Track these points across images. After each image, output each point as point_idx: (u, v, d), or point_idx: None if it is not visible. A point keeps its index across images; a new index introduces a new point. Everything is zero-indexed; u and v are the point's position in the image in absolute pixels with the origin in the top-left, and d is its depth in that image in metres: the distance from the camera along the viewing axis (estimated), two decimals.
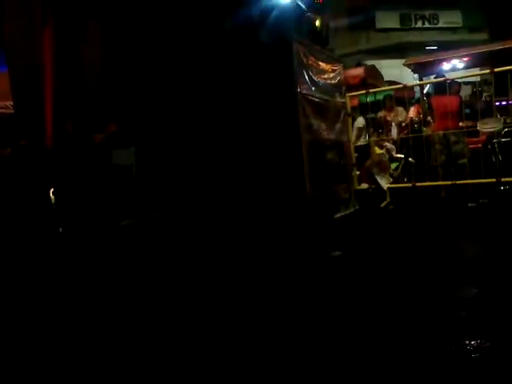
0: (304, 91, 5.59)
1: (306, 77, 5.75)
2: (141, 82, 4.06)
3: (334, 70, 6.69)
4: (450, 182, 6.91)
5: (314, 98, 5.85)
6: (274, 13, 5.45)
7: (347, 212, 6.32)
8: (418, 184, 7.01)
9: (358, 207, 6.63)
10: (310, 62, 5.90)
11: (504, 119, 7.89)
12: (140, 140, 3.94)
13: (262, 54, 5.13)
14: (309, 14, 5.90)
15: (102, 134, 3.91)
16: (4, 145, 4.06)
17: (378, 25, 16.95)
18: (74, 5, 4.10)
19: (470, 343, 2.27)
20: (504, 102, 9.04)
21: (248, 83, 5.01)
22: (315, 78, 5.99)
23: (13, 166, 3.73)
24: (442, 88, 7.52)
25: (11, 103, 5.83)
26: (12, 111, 5.75)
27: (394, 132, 7.82)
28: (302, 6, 5.84)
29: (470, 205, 6.38)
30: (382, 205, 7.05)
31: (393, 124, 7.91)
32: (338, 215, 6.08)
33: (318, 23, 6.15)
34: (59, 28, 4.12)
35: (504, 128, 7.39)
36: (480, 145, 7.45)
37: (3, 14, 4.77)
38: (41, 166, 3.60)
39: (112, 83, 4.14)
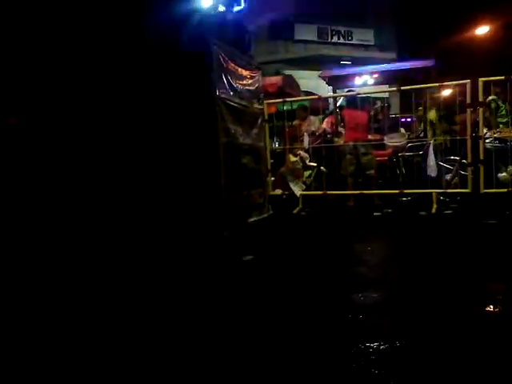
0: (222, 95, 5.61)
1: (225, 81, 5.76)
2: (45, 76, 3.85)
3: (252, 77, 6.77)
4: (358, 192, 7.28)
5: (232, 103, 5.88)
6: (194, 16, 5.43)
7: (261, 217, 6.41)
8: (328, 192, 7.31)
9: (271, 212, 6.76)
10: (230, 67, 5.93)
11: (408, 135, 8.48)
12: (45, 137, 3.73)
13: (181, 57, 5.08)
14: (229, 19, 5.95)
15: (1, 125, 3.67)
16: None
17: (297, 36, 17.46)
18: None
19: (371, 347, 2.39)
20: (409, 119, 9.72)
21: (167, 85, 4.93)
22: (234, 83, 6.02)
23: None
24: (354, 101, 7.92)
25: None
26: None
27: (306, 141, 8.07)
28: (223, 11, 5.88)
29: (375, 214, 6.74)
30: (295, 211, 7.25)
31: (305, 133, 8.16)
32: (252, 220, 6.15)
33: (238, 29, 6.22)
34: None
35: (408, 143, 7.92)
36: (386, 158, 7.93)
37: None
38: None
39: (12, 74, 3.89)
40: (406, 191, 7.09)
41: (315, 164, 7.89)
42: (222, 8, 5.66)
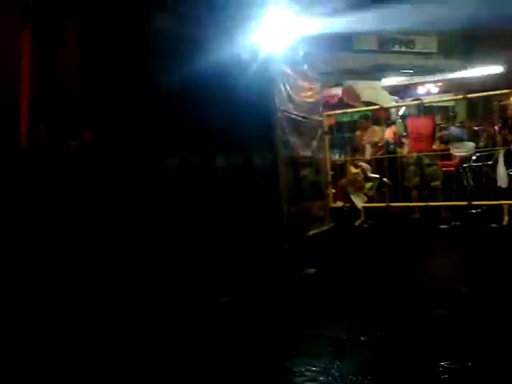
0: (282, 108, 5.63)
1: (285, 93, 5.79)
2: (121, 92, 4.00)
3: (312, 89, 6.77)
4: (423, 204, 7.03)
5: (291, 115, 5.89)
6: (255, 28, 5.49)
7: (322, 229, 6.34)
8: (392, 204, 7.11)
9: (332, 225, 6.66)
10: (290, 80, 5.96)
11: (475, 144, 8.13)
12: (117, 150, 3.86)
13: (243, 69, 5.15)
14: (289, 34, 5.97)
15: (77, 141, 3.84)
16: None
17: (356, 46, 17.25)
18: (53, 8, 4.05)
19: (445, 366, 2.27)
20: (476, 128, 9.32)
21: (228, 98, 5.00)
22: (294, 96, 6.04)
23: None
24: (417, 111, 7.70)
25: None
26: None
27: (368, 152, 7.92)
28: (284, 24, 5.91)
29: (442, 226, 6.48)
30: (357, 223, 7.11)
31: (367, 144, 8.02)
32: (313, 232, 6.09)
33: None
34: (37, 31, 4.06)
35: (475, 152, 7.58)
36: (453, 168, 7.63)
37: None
38: (15, 167, 3.50)
39: (89, 89, 4.08)
40: (474, 203, 6.77)
41: (377, 175, 7.72)
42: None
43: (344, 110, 8.02)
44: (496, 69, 8.30)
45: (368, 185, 7.80)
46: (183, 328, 3.01)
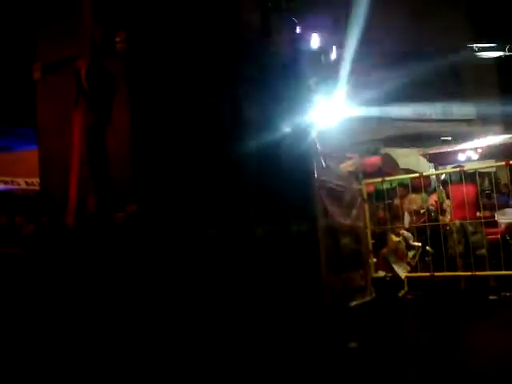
0: (321, 178, 5.70)
1: (324, 163, 5.88)
2: (165, 166, 4.18)
3: (350, 158, 6.85)
4: (469, 273, 6.76)
5: (330, 185, 5.94)
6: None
7: (364, 300, 6.16)
8: (436, 274, 6.88)
9: (374, 296, 6.48)
10: (328, 150, 6.07)
11: None
12: (161, 220, 3.97)
13: (287, 141, 5.29)
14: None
15: (122, 212, 3.97)
16: (28, 221, 4.14)
17: (394, 115, 17.48)
18: (104, 89, 4.34)
19: None
20: None
21: (270, 168, 5.09)
22: (332, 165, 6.12)
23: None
24: (459, 177, 7.60)
25: (37, 180, 6.05)
26: (37, 188, 5.96)
27: (407, 220, 7.81)
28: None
29: (491, 297, 6.19)
30: (400, 294, 6.88)
31: (405, 212, 7.92)
32: (354, 303, 5.92)
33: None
34: (89, 112, 4.34)
35: None
36: (498, 236, 7.38)
37: (36, 95, 5.06)
38: (61, 244, 3.64)
39: (135, 163, 4.27)
40: None
41: (419, 244, 7.55)
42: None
43: (383, 178, 8.00)
44: None
45: (410, 253, 7.62)
46: None
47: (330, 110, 6.11)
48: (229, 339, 3.89)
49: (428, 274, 6.97)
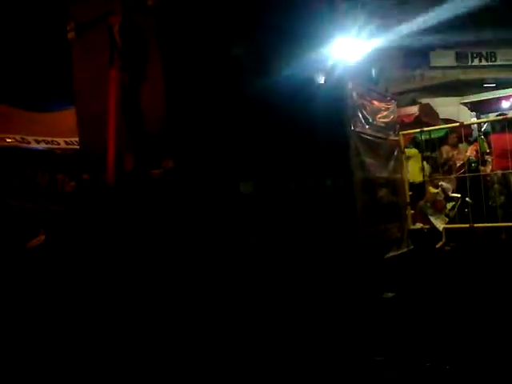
0: (357, 129, 5.60)
1: (360, 115, 5.77)
2: (199, 121, 4.20)
3: (387, 109, 6.67)
4: (510, 224, 6.61)
5: (367, 136, 5.84)
6: (332, 54, 5.54)
7: (400, 252, 6.15)
8: (476, 225, 6.76)
9: (411, 247, 6.44)
10: (364, 101, 5.93)
11: None
12: (196, 176, 4.04)
13: (317, 93, 5.20)
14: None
15: (159, 169, 4.05)
16: (69, 179, 4.29)
17: (433, 63, 16.74)
18: (138, 46, 4.34)
19: None
20: None
21: (303, 121, 5.05)
22: (369, 117, 5.99)
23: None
24: (501, 126, 7.31)
25: (76, 139, 6.20)
26: (77, 147, 6.11)
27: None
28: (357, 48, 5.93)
29: None
30: (438, 246, 6.82)
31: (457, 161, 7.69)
32: (390, 255, 5.92)
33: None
34: (124, 68, 4.37)
35: None
36: None
37: (72, 55, 5.12)
38: (102, 200, 3.77)
39: (170, 121, 4.31)
40: None
41: (459, 195, 7.38)
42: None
43: (422, 129, 7.78)
44: None
45: (449, 205, 7.48)
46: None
47: (367, 59, 5.91)
48: (266, 284, 3.98)
49: (467, 225, 6.86)
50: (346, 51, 5.67)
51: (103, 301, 3.55)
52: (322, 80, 5.42)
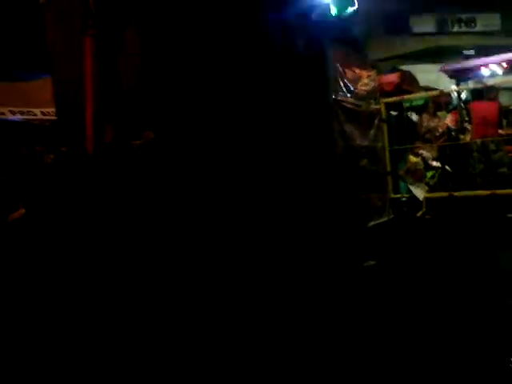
0: (338, 97, 5.56)
1: (340, 83, 5.71)
2: (179, 89, 4.10)
3: (368, 76, 6.62)
4: (489, 192, 6.72)
5: (347, 105, 5.80)
6: (308, 18, 5.41)
7: (381, 220, 6.22)
8: (455, 193, 6.85)
9: (392, 216, 6.52)
10: (345, 68, 5.86)
11: None
12: (177, 147, 3.96)
13: (296, 60, 5.11)
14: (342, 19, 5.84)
15: (139, 140, 3.97)
16: (47, 151, 4.17)
17: (414, 29, 16.62)
18: (113, 13, 4.19)
19: None
20: None
21: (281, 89, 4.98)
22: (349, 84, 5.94)
23: None
24: (480, 94, 7.35)
25: (53, 110, 6.01)
26: (54, 118, 5.93)
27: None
28: (336, 11, 5.79)
29: (510, 215, 6.19)
30: (418, 214, 6.92)
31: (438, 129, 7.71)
32: (372, 223, 5.99)
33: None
34: (99, 35, 4.21)
35: None
36: None
37: (45, 22, 4.91)
38: (82, 172, 3.68)
39: (149, 90, 4.20)
40: None
41: (439, 164, 7.45)
42: (334, 10, 5.54)
43: (402, 97, 7.77)
44: None
45: (429, 174, 7.55)
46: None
47: (346, 24, 5.79)
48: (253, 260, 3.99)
49: (447, 193, 6.95)
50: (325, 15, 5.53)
51: (86, 275, 3.51)
52: (301, 46, 5.30)
